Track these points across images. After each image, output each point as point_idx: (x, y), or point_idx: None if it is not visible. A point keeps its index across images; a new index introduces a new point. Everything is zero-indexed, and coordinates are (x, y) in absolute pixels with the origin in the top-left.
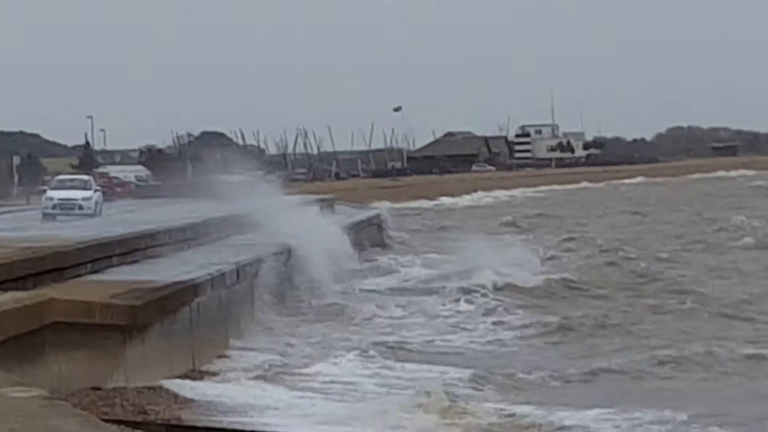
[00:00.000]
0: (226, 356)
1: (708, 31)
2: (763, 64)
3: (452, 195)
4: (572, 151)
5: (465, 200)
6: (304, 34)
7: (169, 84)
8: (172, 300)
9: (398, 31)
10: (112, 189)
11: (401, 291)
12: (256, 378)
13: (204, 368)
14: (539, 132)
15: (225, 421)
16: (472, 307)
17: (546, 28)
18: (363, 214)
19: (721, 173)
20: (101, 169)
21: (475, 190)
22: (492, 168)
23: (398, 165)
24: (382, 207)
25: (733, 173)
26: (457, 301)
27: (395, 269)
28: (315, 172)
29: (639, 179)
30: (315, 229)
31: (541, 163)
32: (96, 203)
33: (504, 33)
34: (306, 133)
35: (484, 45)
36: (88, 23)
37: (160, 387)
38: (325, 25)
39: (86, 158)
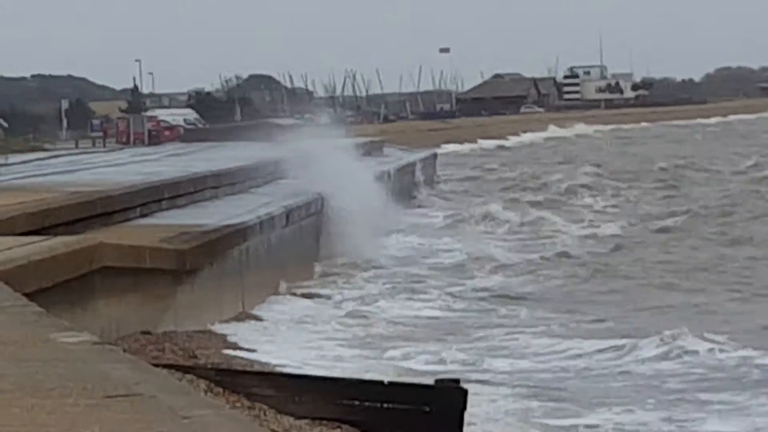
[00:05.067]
0: (274, 301)
1: None
2: None
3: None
4: (621, 92)
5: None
6: None
7: (217, 27)
8: (221, 243)
9: None
10: (160, 132)
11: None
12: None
13: (253, 311)
14: (588, 73)
15: (271, 366)
16: None
17: None
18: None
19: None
20: (149, 113)
21: (524, 132)
22: (541, 109)
23: (446, 107)
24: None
25: None
26: None
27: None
28: (363, 114)
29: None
30: (360, 173)
31: (590, 105)
32: None
33: None
34: (354, 75)
35: None
36: None
37: (210, 331)
38: None
39: (134, 102)
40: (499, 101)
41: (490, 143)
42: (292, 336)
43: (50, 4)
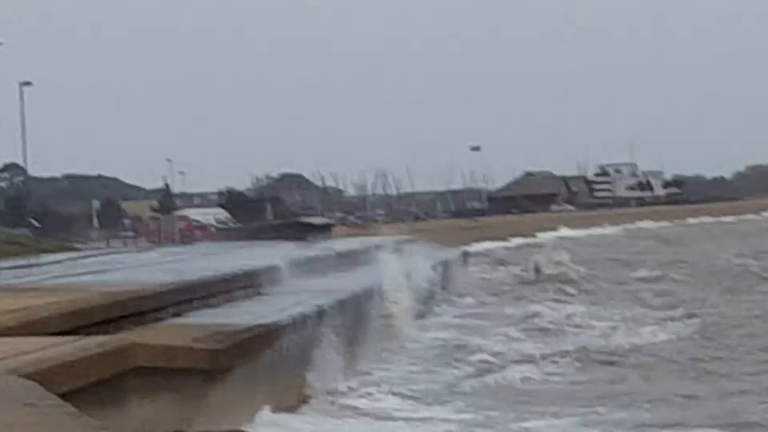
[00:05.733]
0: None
1: None
2: None
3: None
4: (651, 189)
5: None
6: (380, 74)
7: (248, 126)
8: (253, 343)
9: (476, 70)
10: (191, 231)
11: None
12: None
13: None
14: (619, 171)
15: None
16: None
17: (623, 66)
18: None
19: None
20: (180, 212)
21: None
22: (572, 207)
23: (477, 205)
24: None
25: None
26: None
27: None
28: (394, 213)
29: (730, 218)
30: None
31: (621, 202)
32: None
33: (582, 70)
34: (385, 174)
35: (563, 83)
36: (166, 64)
37: (242, 430)
38: (402, 65)
39: (165, 201)
40: (529, 199)
41: (520, 240)
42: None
43: (81, 102)
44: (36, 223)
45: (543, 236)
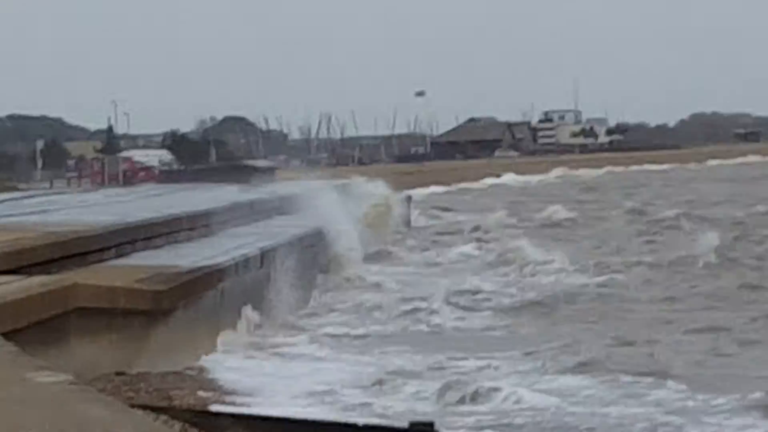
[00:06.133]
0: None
1: (730, 19)
2: None
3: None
4: (595, 137)
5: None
6: (326, 19)
7: (192, 68)
8: (196, 285)
9: (422, 16)
10: (135, 173)
11: None
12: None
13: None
14: (562, 117)
15: (247, 406)
16: None
17: (569, 13)
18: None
19: (740, 159)
20: (124, 153)
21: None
22: (516, 153)
23: (422, 150)
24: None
25: (750, 158)
26: None
27: None
28: (338, 157)
29: (666, 166)
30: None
31: (565, 149)
32: None
33: (527, 18)
34: (329, 117)
35: (507, 30)
36: (110, 10)
37: (184, 372)
38: (348, 10)
39: (110, 142)
40: (473, 145)
41: (465, 185)
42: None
43: (25, 44)
44: None
45: (487, 181)
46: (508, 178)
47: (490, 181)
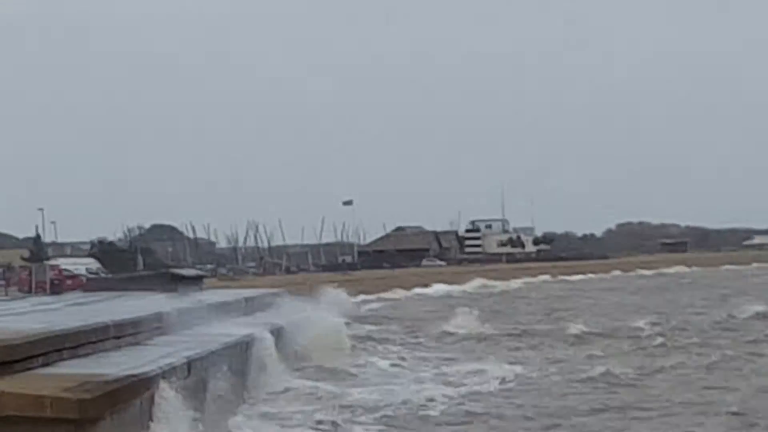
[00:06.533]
0: None
1: (658, 131)
2: (710, 162)
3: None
4: (522, 246)
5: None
6: (254, 126)
7: (119, 177)
8: (122, 393)
9: (348, 126)
10: (62, 281)
11: None
12: None
13: None
14: (489, 227)
15: None
16: None
17: (496, 126)
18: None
19: (663, 269)
20: (52, 262)
21: (426, 285)
22: (442, 263)
23: (349, 259)
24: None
25: (673, 269)
26: None
27: None
28: (266, 265)
29: (589, 275)
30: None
31: (492, 258)
32: None
33: (454, 129)
34: (257, 226)
35: (434, 141)
36: (37, 114)
37: None
38: (273, 119)
39: (37, 250)
40: (401, 254)
41: (390, 295)
42: None
43: None
44: None
45: (416, 291)
46: (437, 288)
47: (418, 290)
